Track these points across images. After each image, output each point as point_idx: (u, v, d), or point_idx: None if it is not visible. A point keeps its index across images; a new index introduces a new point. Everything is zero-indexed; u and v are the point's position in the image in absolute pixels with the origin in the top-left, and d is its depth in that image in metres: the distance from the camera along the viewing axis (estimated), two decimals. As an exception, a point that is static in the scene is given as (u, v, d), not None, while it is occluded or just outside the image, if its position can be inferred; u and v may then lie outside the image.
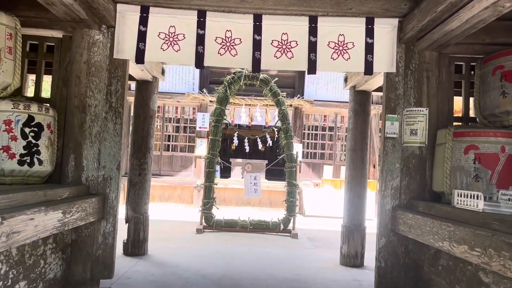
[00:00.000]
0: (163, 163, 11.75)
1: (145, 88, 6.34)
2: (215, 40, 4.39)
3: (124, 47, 4.34)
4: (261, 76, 8.75)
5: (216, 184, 8.86)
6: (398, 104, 4.41)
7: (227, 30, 4.39)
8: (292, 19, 4.38)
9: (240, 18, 4.37)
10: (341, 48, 4.40)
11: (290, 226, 8.66)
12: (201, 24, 4.37)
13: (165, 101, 11.71)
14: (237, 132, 9.26)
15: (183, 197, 11.67)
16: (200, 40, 4.36)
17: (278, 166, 13.38)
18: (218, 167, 11.70)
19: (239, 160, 11.90)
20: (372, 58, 4.37)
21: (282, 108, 8.80)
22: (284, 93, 8.78)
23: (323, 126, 12.14)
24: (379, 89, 6.44)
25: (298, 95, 11.17)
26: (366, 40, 4.39)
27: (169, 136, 12.43)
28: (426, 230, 3.46)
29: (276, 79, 8.92)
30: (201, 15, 4.36)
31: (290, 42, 4.40)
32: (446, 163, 3.80)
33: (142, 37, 4.34)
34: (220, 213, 8.91)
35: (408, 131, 4.32)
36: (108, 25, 4.33)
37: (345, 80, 6.57)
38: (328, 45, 4.40)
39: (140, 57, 4.33)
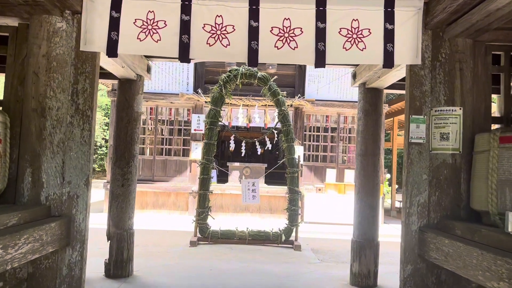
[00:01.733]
0: (156, 168, 10.95)
1: (128, 88, 5.53)
2: (203, 27, 3.58)
3: (93, 37, 3.53)
4: (259, 74, 7.95)
5: (211, 192, 8.04)
6: (424, 102, 3.60)
7: (217, 15, 3.59)
8: (296, 1, 3.58)
9: (232, 1, 3.57)
10: (355, 36, 3.59)
11: (293, 236, 7.86)
12: (185, 9, 3.57)
13: (158, 102, 10.90)
14: (234, 135, 8.45)
15: (177, 203, 10.86)
16: (185, 27, 3.55)
17: (279, 169, 12.57)
18: (214, 172, 10.91)
19: (237, 164, 11.09)
20: (393, 47, 3.57)
21: (282, 108, 7.99)
22: (285, 92, 7.97)
23: (325, 127, 11.34)
24: (391, 87, 5.64)
25: (299, 95, 10.38)
26: (385, 26, 3.59)
27: (162, 139, 11.61)
28: (472, 263, 2.66)
29: (276, 77, 8.12)
30: (186, -2, 3.55)
31: (294, 29, 3.60)
32: (491, 175, 2.99)
33: (114, 24, 3.53)
34: (216, 222, 8.11)
35: (437, 136, 3.51)
36: (73, 11, 3.53)
37: (354, 76, 5.76)
38: (339, 32, 3.60)
39: (112, 49, 3.52)
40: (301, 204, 9.38)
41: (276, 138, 10.52)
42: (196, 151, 10.61)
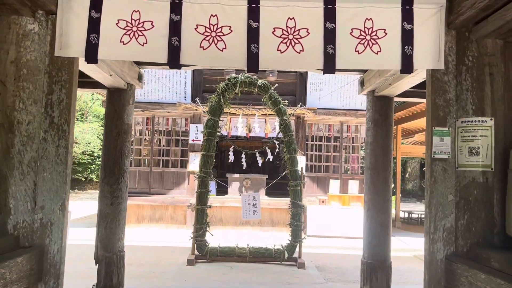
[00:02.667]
0: (153, 180, 10.45)
1: (118, 98, 5.06)
2: (195, 29, 3.12)
3: (70, 40, 3.06)
4: (259, 82, 7.48)
5: (210, 207, 7.53)
6: (448, 112, 3.12)
7: (212, 15, 3.12)
8: (301, -2, 3.11)
9: (229, -1, 3.10)
10: (368, 37, 3.13)
11: (296, 253, 7.35)
12: (175, 7, 3.11)
13: (155, 111, 10.43)
14: (233, 146, 7.96)
15: (175, 217, 10.35)
16: (175, 29, 3.09)
17: (280, 179, 12.06)
18: (213, 183, 10.41)
19: (237, 175, 10.60)
20: (412, 50, 3.10)
21: (284, 118, 7.52)
22: (286, 101, 7.50)
23: (328, 137, 10.86)
24: (402, 94, 5.17)
25: (300, 103, 9.90)
26: (402, 25, 3.12)
27: (159, 150, 11.13)
28: (521, 308, 2.16)
29: (277, 85, 7.66)
30: (176, -5, 3.09)
31: (299, 30, 3.13)
32: (534, 198, 2.50)
33: (94, 26, 3.06)
34: (216, 236, 7.60)
35: (465, 150, 3.03)
36: (47, 11, 3.06)
37: (361, 83, 5.29)
38: (351, 33, 3.13)
39: (91, 54, 3.05)
40: (304, 217, 8.88)
41: (277, 149, 10.04)
42: (194, 162, 10.13)
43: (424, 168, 3.39)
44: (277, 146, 10.22)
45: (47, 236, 2.94)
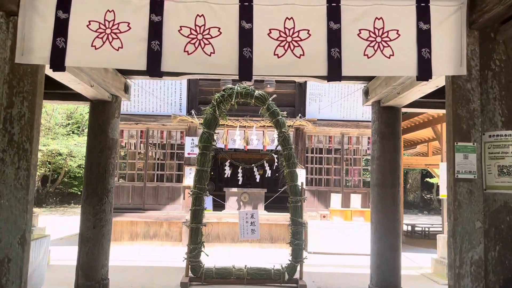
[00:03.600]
0: (147, 195, 9.96)
1: (102, 111, 4.62)
2: (179, 31, 2.69)
3: (33, 45, 2.63)
4: (257, 93, 7.04)
5: (205, 225, 7.03)
6: (473, 125, 2.67)
7: (198, 15, 2.69)
8: (301, -5, 2.68)
9: (218, -4, 2.67)
10: (379, 39, 2.69)
11: (297, 273, 6.83)
12: (156, 7, 2.68)
13: (149, 124, 9.98)
14: (229, 160, 7.49)
15: (170, 234, 9.84)
16: (155, 31, 2.65)
17: (279, 193, 11.56)
18: (209, 198, 9.93)
19: (234, 189, 10.11)
20: (429, 53, 2.66)
21: (283, 130, 7.05)
22: (285, 113, 7.06)
23: (328, 149, 10.40)
24: (411, 105, 4.74)
25: (299, 115, 9.49)
26: (418, 26, 2.70)
27: (154, 164, 10.66)
28: None
29: (275, 96, 7.21)
30: (156, -7, 2.66)
31: (299, 31, 2.70)
32: None
33: (61, 28, 2.63)
34: (212, 255, 7.08)
35: (494, 169, 2.57)
36: (7, 11, 2.63)
37: (365, 93, 4.85)
38: (358, 35, 2.70)
39: (58, 61, 2.61)
40: (304, 233, 8.39)
41: (276, 163, 9.57)
42: (190, 177, 9.64)
43: (426, 179, 2.92)
44: (276, 160, 9.79)
45: (4, 275, 2.47)
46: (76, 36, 2.62)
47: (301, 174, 9.07)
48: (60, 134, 17.32)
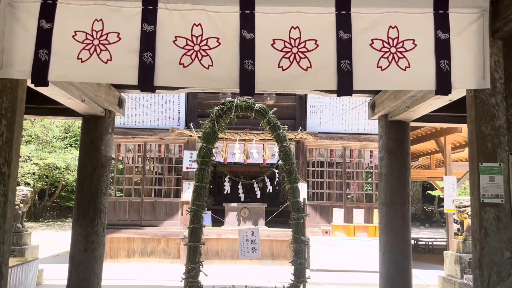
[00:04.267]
0: (144, 211, 9.65)
1: (94, 127, 4.36)
2: (174, 41, 2.44)
3: (13, 58, 2.37)
4: (257, 106, 6.78)
5: (203, 244, 6.71)
6: (498, 144, 2.42)
7: (194, 24, 2.45)
8: (308, 2, 2.43)
9: (216, 3, 2.42)
10: (393, 49, 2.45)
11: (299, 294, 6.51)
12: (148, 15, 2.43)
13: (146, 138, 9.72)
14: (228, 176, 7.21)
15: (168, 251, 9.51)
16: (148, 42, 2.40)
17: (279, 206, 11.23)
18: (208, 214, 9.62)
19: (234, 204, 9.81)
20: (449, 65, 2.41)
21: (284, 144, 6.76)
22: (286, 126, 6.77)
23: (330, 162, 10.13)
24: (420, 119, 4.48)
25: (300, 128, 9.21)
26: (436, 35, 2.45)
27: (151, 179, 10.37)
28: None
29: (275, 109, 6.96)
30: (149, 0, 2.41)
31: (305, 42, 2.46)
32: None
33: (44, 39, 2.38)
34: (211, 274, 6.73)
35: (524, 193, 2.30)
36: (-16, 21, 2.36)
37: (372, 106, 4.60)
38: (371, 45, 2.46)
39: (40, 75, 2.35)
40: (307, 250, 8.08)
41: (277, 178, 9.28)
42: (188, 191, 9.35)
43: (428, 192, 2.65)
44: (277, 175, 9.50)
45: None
46: (61, 48, 2.37)
47: (303, 189, 8.78)
48: (57, 148, 17.03)
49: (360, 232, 9.24)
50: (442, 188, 14.26)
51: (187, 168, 9.62)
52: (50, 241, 13.38)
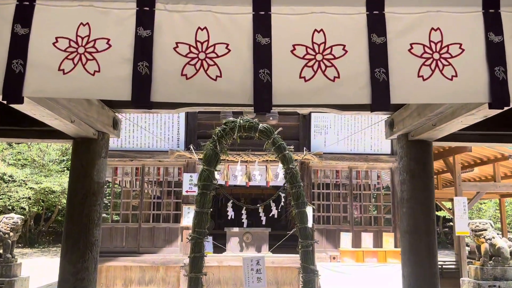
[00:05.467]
0: (142, 237, 9.11)
1: (86, 150, 3.92)
2: (174, 48, 2.04)
3: (-19, 69, 1.94)
4: (261, 126, 6.37)
5: (205, 274, 6.20)
6: None
7: (199, 28, 2.05)
8: (334, 2, 2.04)
9: (225, 4, 2.03)
10: (437, 55, 2.05)
11: (309, 328, 5.97)
12: (144, 18, 2.03)
13: (144, 161, 9.26)
14: (231, 201, 6.75)
15: (167, 279, 8.95)
16: (143, 49, 2.00)
17: (282, 230, 10.70)
18: (210, 239, 9.10)
19: (236, 229, 9.30)
20: (505, 73, 2.00)
21: (290, 166, 6.29)
22: (292, 147, 6.38)
23: (336, 184, 9.67)
24: (444, 138, 4.06)
25: (305, 148, 8.80)
26: (487, 37, 2.06)
27: (150, 203, 9.89)
28: None
29: (281, 129, 6.54)
30: (145, 0, 2.01)
31: (332, 47, 2.06)
32: None
33: (19, 47, 1.98)
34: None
35: None
36: None
37: (390, 125, 4.18)
38: (410, 50, 2.06)
39: (13, 90, 1.94)
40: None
41: (282, 202, 8.81)
42: (189, 216, 8.85)
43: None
44: (282, 198, 9.03)
45: None
46: (39, 58, 1.96)
47: (309, 212, 8.31)
48: (53, 171, 16.54)
49: (369, 257, 8.72)
50: (449, 208, 13.77)
51: (187, 191, 9.15)
52: (44, 268, 12.78)
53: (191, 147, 8.84)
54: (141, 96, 1.94)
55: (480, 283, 6.83)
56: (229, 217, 8.33)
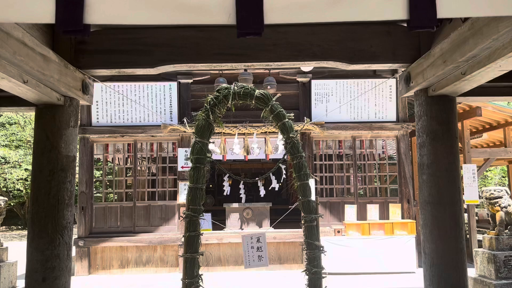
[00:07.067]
0: (137, 216, 8.57)
1: (51, 119, 3.30)
2: None
3: None
4: (257, 92, 5.71)
5: (202, 254, 5.66)
6: None
7: None
8: None
9: None
10: None
11: (315, 308, 5.47)
12: None
13: (136, 136, 8.63)
14: (227, 175, 6.15)
15: (165, 259, 8.46)
16: None
17: (283, 204, 10.19)
18: (208, 216, 8.57)
19: (235, 205, 8.76)
20: None
21: (291, 135, 5.67)
22: (292, 114, 5.74)
23: (339, 154, 9.06)
24: (470, 92, 3.42)
25: (305, 117, 8.15)
26: None
27: (144, 181, 9.32)
28: None
29: (279, 95, 5.89)
30: None
31: None
32: None
33: None
34: (213, 284, 5.73)
35: None
36: None
37: (406, 79, 3.53)
38: None
39: None
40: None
41: (283, 174, 8.23)
42: (185, 193, 8.28)
43: None
44: (283, 171, 8.45)
45: None
46: None
47: (311, 185, 7.75)
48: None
49: (375, 230, 8.20)
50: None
51: (182, 167, 8.56)
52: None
53: (185, 120, 8.21)
54: (69, 17, 1.30)
55: (496, 254, 6.29)
56: (225, 193, 7.78)
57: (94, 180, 8.94)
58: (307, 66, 7.85)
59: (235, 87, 5.52)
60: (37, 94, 2.99)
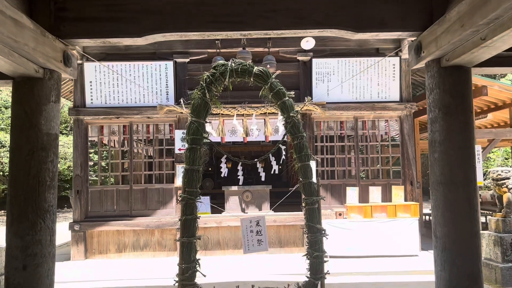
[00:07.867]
0: (134, 200, 8.33)
1: (29, 93, 3.01)
2: None
3: None
4: (256, 69, 5.40)
5: (199, 238, 5.43)
6: None
7: None
8: None
9: None
10: None
11: (317, 292, 5.26)
12: None
13: (132, 118, 8.33)
14: (225, 156, 5.89)
15: (163, 243, 8.25)
16: None
17: (283, 187, 9.94)
18: (206, 199, 8.35)
19: (235, 187, 8.52)
20: None
21: (291, 114, 5.40)
22: (292, 92, 5.40)
23: (341, 135, 8.76)
24: (487, 63, 3.11)
25: (306, 97, 7.85)
26: None
27: (141, 163, 9.05)
28: None
29: (279, 72, 5.57)
30: None
31: None
32: None
33: None
34: (212, 268, 5.49)
35: None
36: None
37: (417, 49, 3.23)
38: None
39: None
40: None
41: (283, 155, 7.96)
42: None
43: None
44: (283, 151, 8.17)
45: None
46: None
47: (312, 167, 7.49)
48: (46, 135, 15.66)
49: (377, 212, 7.97)
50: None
51: (179, 149, 8.30)
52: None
53: (181, 101, 7.88)
54: None
55: (502, 236, 6.08)
56: (222, 174, 7.52)
57: (92, 163, 8.68)
58: (309, 38, 7.51)
59: (233, 64, 5.23)
60: (11, 64, 2.69)
